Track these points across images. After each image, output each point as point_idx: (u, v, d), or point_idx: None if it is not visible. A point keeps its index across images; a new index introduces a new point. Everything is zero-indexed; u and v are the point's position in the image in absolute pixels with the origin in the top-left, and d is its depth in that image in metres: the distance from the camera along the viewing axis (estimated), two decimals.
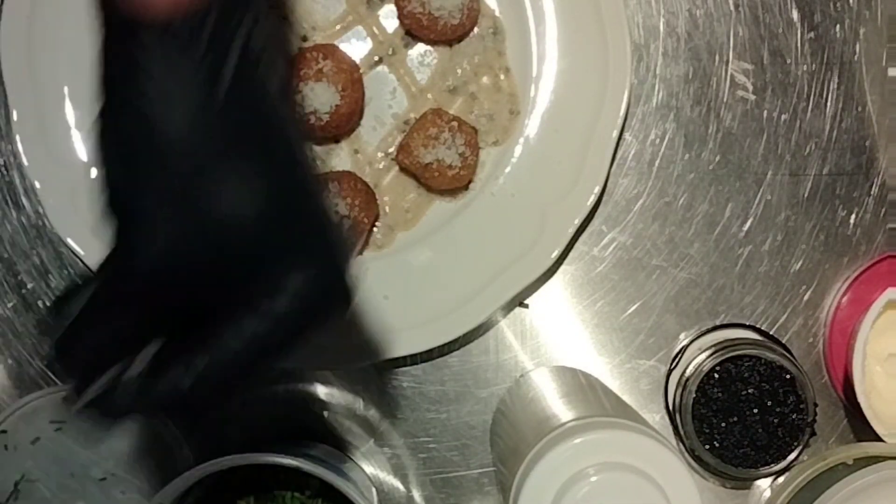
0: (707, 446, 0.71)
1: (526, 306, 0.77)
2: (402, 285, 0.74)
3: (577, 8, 0.73)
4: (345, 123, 0.73)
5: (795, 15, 0.76)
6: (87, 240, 0.73)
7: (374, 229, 0.75)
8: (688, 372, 0.72)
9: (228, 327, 0.45)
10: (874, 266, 0.76)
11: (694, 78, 0.77)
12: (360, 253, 0.75)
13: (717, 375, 0.70)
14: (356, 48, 0.75)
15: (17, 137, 0.73)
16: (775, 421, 0.70)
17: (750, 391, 0.70)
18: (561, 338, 0.77)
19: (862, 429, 0.72)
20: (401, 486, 0.76)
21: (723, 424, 0.70)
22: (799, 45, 0.77)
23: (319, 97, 0.70)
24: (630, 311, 0.77)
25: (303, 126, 0.70)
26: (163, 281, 0.45)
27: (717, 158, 0.77)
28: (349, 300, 0.49)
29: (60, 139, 0.73)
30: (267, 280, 0.45)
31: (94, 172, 0.74)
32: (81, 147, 0.74)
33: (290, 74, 0.69)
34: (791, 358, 0.71)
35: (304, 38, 0.75)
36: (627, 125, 0.76)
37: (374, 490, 0.75)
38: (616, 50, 0.72)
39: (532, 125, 0.74)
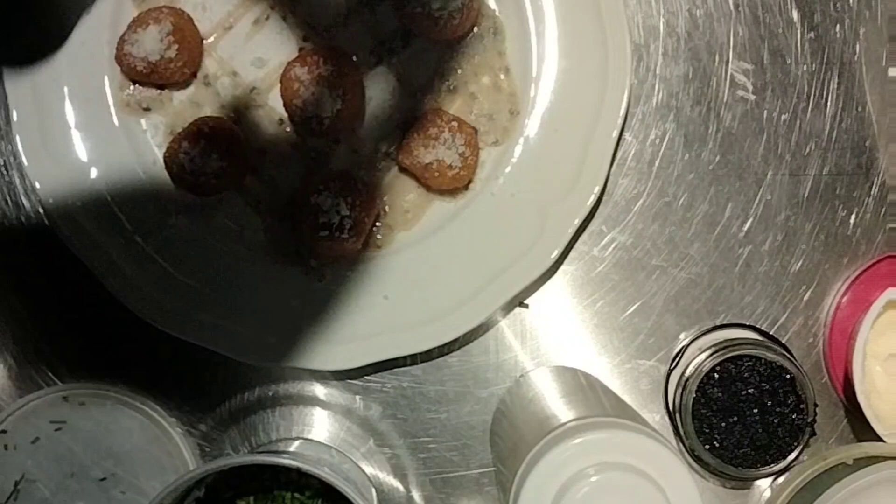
0: (707, 446, 0.71)
1: (526, 306, 0.77)
2: (402, 285, 0.74)
3: (577, 8, 0.73)
4: (346, 126, 0.73)
5: (795, 15, 0.76)
6: (87, 241, 0.73)
7: (374, 229, 0.75)
8: (688, 372, 0.72)
9: None
10: (874, 266, 0.76)
11: (694, 78, 0.77)
12: (361, 253, 0.75)
13: (717, 375, 0.70)
14: (356, 48, 0.75)
15: (17, 137, 0.73)
16: (775, 421, 0.70)
17: (750, 391, 0.70)
18: (561, 338, 0.77)
19: (862, 429, 0.72)
20: (401, 486, 0.76)
21: (723, 424, 0.70)
22: (799, 45, 0.77)
23: (321, 102, 0.70)
24: (630, 311, 0.77)
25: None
26: None
27: (717, 158, 0.77)
28: None
29: (60, 139, 0.73)
30: None
31: (93, 172, 0.74)
32: (81, 147, 0.74)
33: None
34: (791, 358, 0.71)
35: (305, 39, 0.75)
36: (627, 125, 0.76)
37: (373, 490, 0.75)
38: (616, 50, 0.72)
39: (532, 125, 0.74)
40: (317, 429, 0.77)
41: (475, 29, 0.74)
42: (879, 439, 0.69)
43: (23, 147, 0.73)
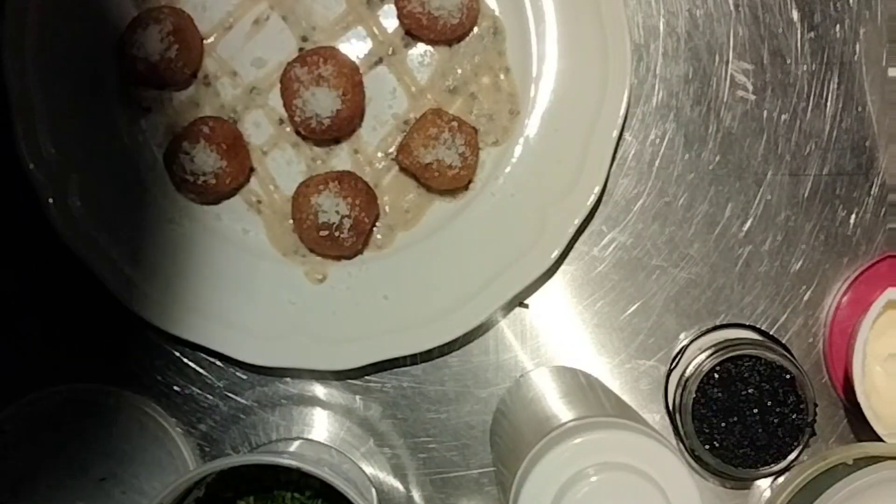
0: (707, 446, 0.71)
1: (526, 306, 0.77)
2: (402, 285, 0.74)
3: (577, 8, 0.73)
4: (346, 126, 0.73)
5: (795, 15, 0.76)
6: (88, 241, 0.73)
7: (374, 229, 0.75)
8: (688, 372, 0.72)
9: None
10: (874, 266, 0.76)
11: (694, 78, 0.77)
12: (361, 253, 0.75)
13: (717, 375, 0.70)
14: (356, 48, 0.75)
15: (18, 135, 0.73)
16: (775, 421, 0.70)
17: (750, 391, 0.70)
18: (561, 338, 0.77)
19: (862, 429, 0.72)
20: (401, 486, 0.76)
21: (723, 424, 0.70)
22: (799, 45, 0.77)
23: (321, 102, 0.70)
24: (630, 311, 0.77)
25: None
26: None
27: (717, 158, 0.77)
28: None
29: (60, 136, 0.73)
30: None
31: (93, 172, 0.74)
32: (81, 147, 0.74)
33: None
34: (791, 358, 0.71)
35: (304, 39, 0.75)
36: (627, 125, 0.76)
37: (373, 490, 0.75)
38: (616, 50, 0.72)
39: (532, 125, 0.74)
40: (317, 429, 0.77)
41: (475, 29, 0.74)
42: (879, 439, 0.69)
43: (23, 146, 0.73)
